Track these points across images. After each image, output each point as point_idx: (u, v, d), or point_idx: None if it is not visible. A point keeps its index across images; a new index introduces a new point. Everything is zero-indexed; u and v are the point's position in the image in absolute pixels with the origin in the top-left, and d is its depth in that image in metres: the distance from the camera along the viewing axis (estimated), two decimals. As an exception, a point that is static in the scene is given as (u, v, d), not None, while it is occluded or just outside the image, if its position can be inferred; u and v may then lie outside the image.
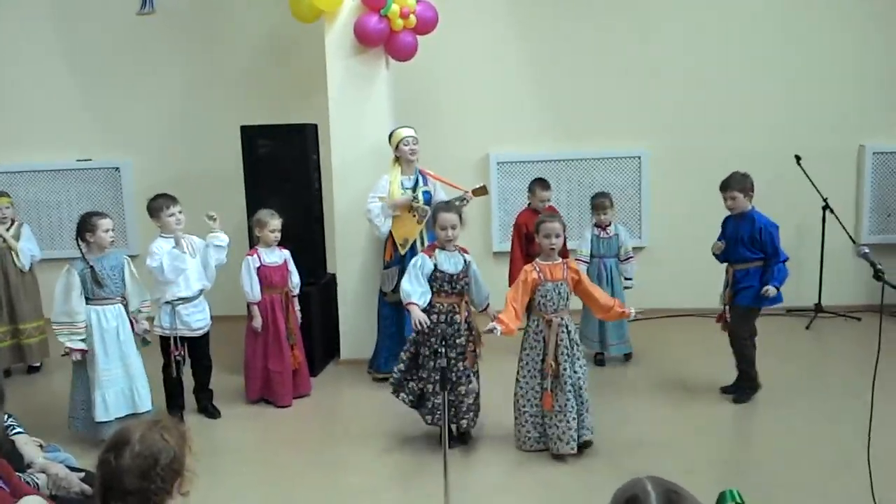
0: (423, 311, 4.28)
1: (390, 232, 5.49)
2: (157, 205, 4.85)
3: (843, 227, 6.31)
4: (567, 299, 4.33)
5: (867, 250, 3.51)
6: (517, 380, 4.42)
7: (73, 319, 4.40)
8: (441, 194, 5.59)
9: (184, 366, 4.90)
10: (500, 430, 4.60)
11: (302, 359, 5.31)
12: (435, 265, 4.37)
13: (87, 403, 4.50)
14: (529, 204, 5.97)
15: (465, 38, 6.93)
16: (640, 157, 7.05)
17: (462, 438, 4.52)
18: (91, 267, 4.43)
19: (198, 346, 5.01)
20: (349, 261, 5.96)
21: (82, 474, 3.09)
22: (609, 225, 5.74)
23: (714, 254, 5.06)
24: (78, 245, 4.52)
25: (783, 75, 6.91)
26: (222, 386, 5.28)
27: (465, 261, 4.47)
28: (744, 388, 4.98)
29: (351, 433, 4.90)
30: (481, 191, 5.51)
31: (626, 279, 5.76)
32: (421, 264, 4.37)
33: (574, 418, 4.21)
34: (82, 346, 4.41)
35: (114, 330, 4.49)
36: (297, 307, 5.36)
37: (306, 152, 5.82)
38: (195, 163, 7.17)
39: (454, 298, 4.39)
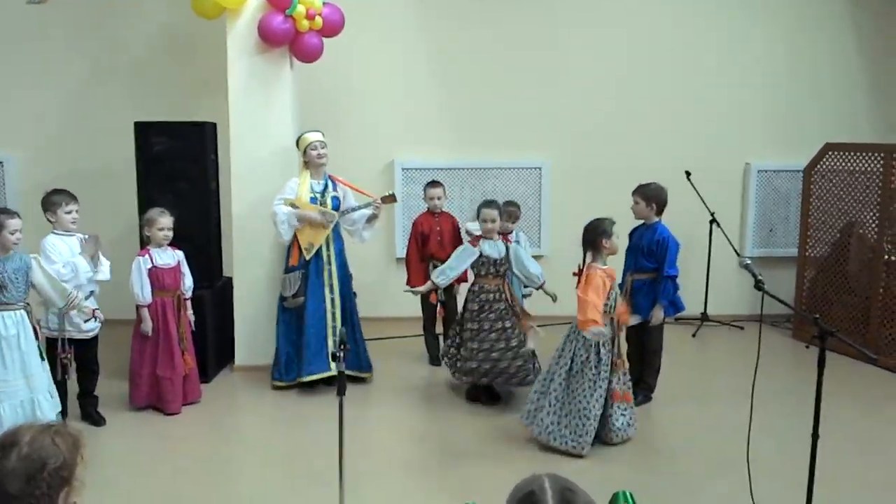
0: (471, 290, 5.14)
1: (295, 236, 5.39)
2: (56, 200, 4.62)
3: (729, 241, 6.63)
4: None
5: (749, 262, 3.69)
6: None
7: None
8: (351, 200, 5.54)
9: (71, 369, 4.66)
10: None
11: (193, 364, 5.14)
12: (480, 252, 5.03)
13: None
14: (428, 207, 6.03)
15: (372, 44, 6.93)
16: (540, 168, 7.22)
17: (491, 395, 5.24)
18: None
19: (86, 350, 4.78)
20: (247, 264, 5.82)
21: None
22: (510, 233, 5.83)
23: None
24: None
25: (677, 96, 7.26)
26: (106, 392, 5.05)
27: (506, 248, 5.09)
28: (639, 394, 5.13)
29: (243, 441, 4.79)
30: (390, 198, 5.50)
31: (525, 287, 5.86)
32: (466, 251, 5.10)
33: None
34: None
35: (14, 338, 4.13)
36: (191, 310, 5.19)
37: (204, 151, 5.65)
38: (86, 159, 6.85)
39: (498, 280, 5.06)
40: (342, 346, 3.39)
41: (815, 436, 3.27)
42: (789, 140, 7.35)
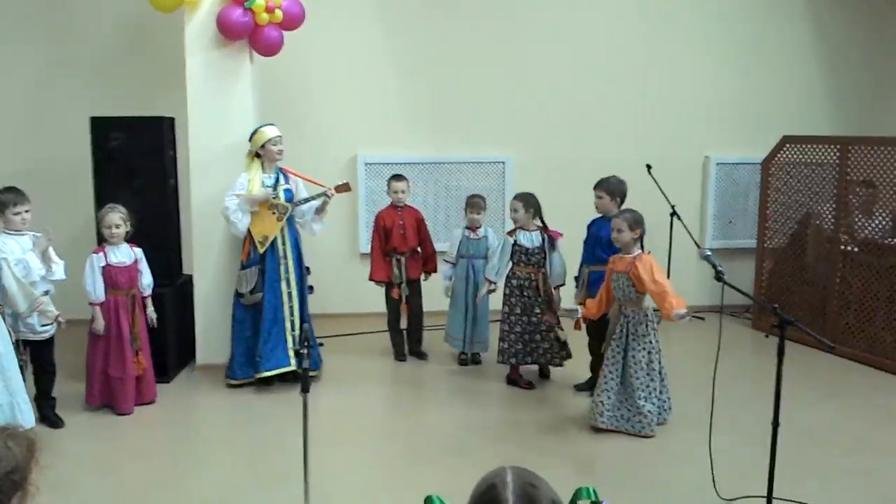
0: (507, 276, 5.40)
1: (248, 231, 5.32)
2: (4, 199, 4.48)
3: (689, 233, 6.71)
4: (628, 291, 4.58)
5: (710, 253, 3.73)
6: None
7: None
8: (303, 192, 5.47)
9: (26, 371, 4.53)
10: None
11: (147, 365, 5.03)
12: (515, 241, 5.27)
13: None
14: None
15: (334, 37, 6.87)
16: (504, 163, 7.23)
17: (543, 373, 5.61)
18: None
19: (42, 352, 4.67)
20: (206, 261, 5.73)
21: None
22: (479, 227, 5.83)
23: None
24: None
25: (637, 90, 7.32)
26: (64, 391, 4.94)
27: (543, 239, 5.29)
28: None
29: (203, 440, 4.70)
30: (344, 187, 5.42)
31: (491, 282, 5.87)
32: (506, 243, 5.38)
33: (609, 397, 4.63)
34: None
35: None
36: (151, 308, 5.10)
37: (161, 147, 5.54)
38: (41, 155, 6.69)
39: (531, 269, 5.28)
40: (305, 343, 3.35)
41: (775, 424, 3.32)
42: (748, 133, 7.46)
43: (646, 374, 4.61)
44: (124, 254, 4.93)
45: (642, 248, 4.62)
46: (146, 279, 5.05)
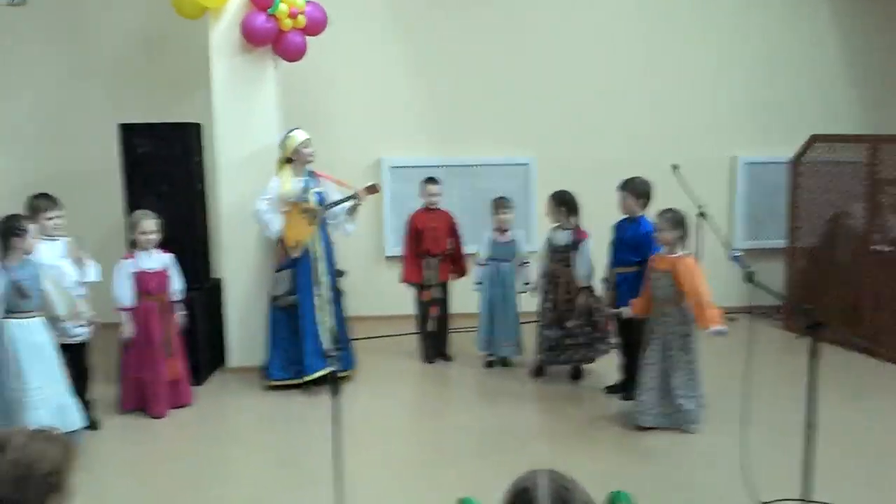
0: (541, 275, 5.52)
1: (281, 234, 5.35)
2: (37, 205, 4.55)
3: (718, 234, 6.63)
4: (669, 290, 4.54)
5: (739, 254, 3.69)
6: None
7: None
8: (334, 194, 5.50)
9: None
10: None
11: (181, 369, 5.09)
12: (549, 239, 5.40)
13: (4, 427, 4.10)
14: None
15: (356, 42, 6.90)
16: (527, 164, 7.21)
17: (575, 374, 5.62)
18: (14, 278, 4.06)
19: (77, 355, 4.70)
20: (236, 265, 5.78)
21: None
22: (508, 230, 5.81)
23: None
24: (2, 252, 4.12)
25: (663, 88, 7.27)
26: (99, 395, 4.99)
27: (574, 239, 5.31)
28: (631, 387, 5.11)
29: (237, 443, 4.74)
30: (372, 189, 5.45)
31: (525, 283, 5.84)
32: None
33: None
34: None
35: (43, 345, 4.14)
36: (183, 313, 5.14)
37: (189, 152, 5.61)
38: (68, 162, 6.79)
39: (558, 265, 5.41)
40: (336, 346, 3.36)
41: (809, 426, 3.26)
42: (776, 132, 7.37)
43: (685, 373, 4.57)
44: (154, 260, 4.97)
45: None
46: (177, 284, 5.09)
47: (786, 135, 7.14)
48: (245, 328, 5.77)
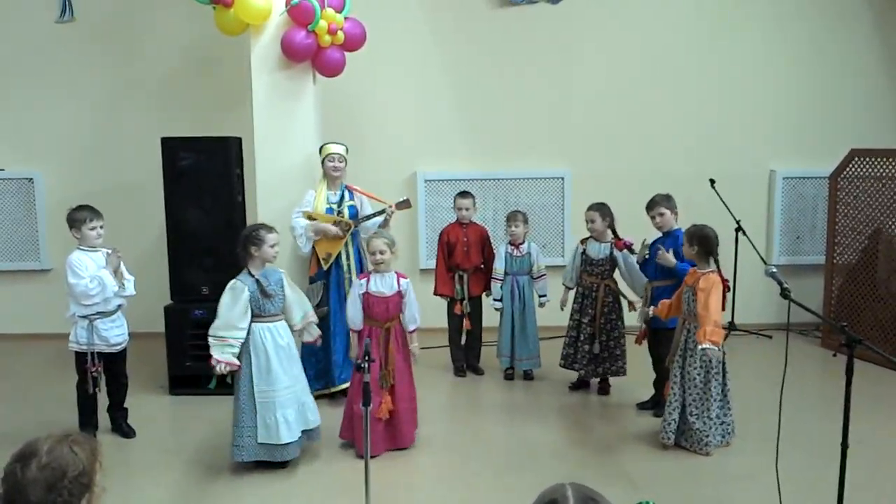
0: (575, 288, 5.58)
1: (313, 247, 5.44)
2: (81, 216, 4.68)
3: (755, 249, 6.56)
4: (693, 306, 4.53)
5: (775, 270, 3.65)
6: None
7: (231, 334, 4.20)
8: (367, 209, 5.57)
9: (101, 382, 4.73)
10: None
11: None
12: (584, 250, 5.46)
13: (254, 429, 4.26)
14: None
15: (393, 57, 6.99)
16: (563, 178, 7.21)
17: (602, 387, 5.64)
18: (259, 282, 4.29)
19: (115, 363, 4.84)
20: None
21: None
22: (522, 243, 5.84)
23: (637, 262, 5.22)
24: (243, 260, 4.37)
25: (699, 102, 7.23)
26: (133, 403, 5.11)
27: (611, 252, 5.37)
28: (663, 403, 5.08)
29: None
30: (405, 204, 5.51)
31: (540, 296, 5.87)
32: (577, 250, 5.59)
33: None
34: (234, 359, 4.19)
35: (288, 347, 4.38)
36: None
37: (230, 166, 5.72)
38: (113, 174, 6.99)
39: (595, 279, 5.43)
40: (367, 357, 3.41)
41: (844, 445, 3.22)
42: (814, 146, 7.28)
43: (700, 391, 4.53)
44: (386, 284, 4.70)
45: (717, 267, 4.54)
46: (410, 311, 4.77)
47: (825, 149, 7.06)
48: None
